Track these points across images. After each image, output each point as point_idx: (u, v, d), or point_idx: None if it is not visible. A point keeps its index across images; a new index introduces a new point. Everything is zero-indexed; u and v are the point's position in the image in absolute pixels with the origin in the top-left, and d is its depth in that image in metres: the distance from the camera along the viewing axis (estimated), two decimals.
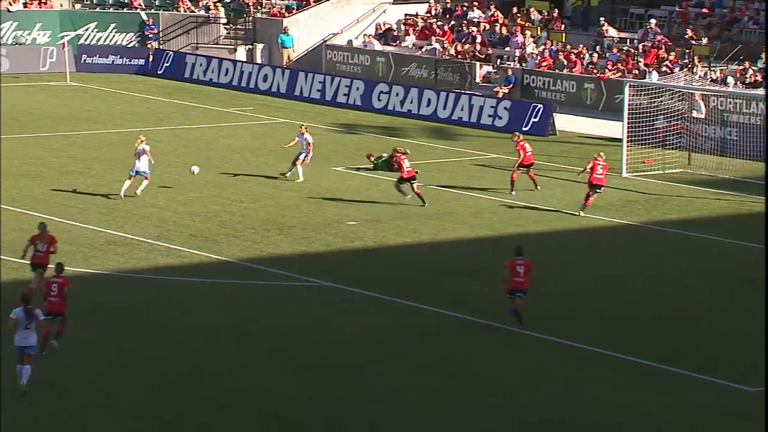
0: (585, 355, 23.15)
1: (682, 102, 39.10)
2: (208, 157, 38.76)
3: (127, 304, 25.46)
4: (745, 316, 25.40)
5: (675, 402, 21.12)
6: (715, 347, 23.77)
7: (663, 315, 25.34)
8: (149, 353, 22.94)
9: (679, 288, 27.23)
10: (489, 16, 50.71)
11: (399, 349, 23.44)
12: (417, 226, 31.51)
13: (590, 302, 26.05)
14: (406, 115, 45.37)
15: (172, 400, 20.88)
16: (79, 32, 53.87)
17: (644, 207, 33.63)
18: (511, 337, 23.96)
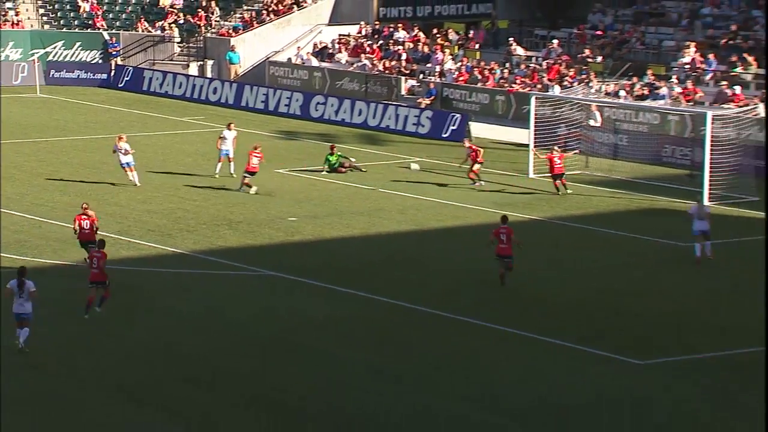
0: (508, 336, 23.14)
1: (581, 112, 39.28)
2: (164, 161, 38.32)
3: None
4: (640, 298, 25.55)
5: (583, 373, 21.18)
6: (616, 326, 23.88)
7: (572, 300, 25.41)
8: (117, 334, 22.60)
9: (582, 274, 27.33)
10: (412, 36, 50.65)
11: (343, 330, 23.29)
12: (350, 221, 31.35)
13: (507, 288, 26.03)
14: (340, 123, 45.17)
15: (142, 377, 20.59)
16: (48, 50, 53.10)
17: (548, 204, 33.73)
18: (445, 321, 23.89)
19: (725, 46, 43.34)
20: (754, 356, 22.00)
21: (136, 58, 53.40)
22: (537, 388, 20.45)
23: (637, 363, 21.66)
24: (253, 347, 22.28)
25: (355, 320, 23.88)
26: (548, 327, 23.38)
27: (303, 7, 53.66)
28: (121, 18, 55.38)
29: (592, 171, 37.49)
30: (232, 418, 19.07)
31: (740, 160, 34.36)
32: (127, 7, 55.85)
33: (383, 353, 22.06)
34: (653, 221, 31.87)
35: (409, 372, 21.13)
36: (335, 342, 22.61)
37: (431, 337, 22.96)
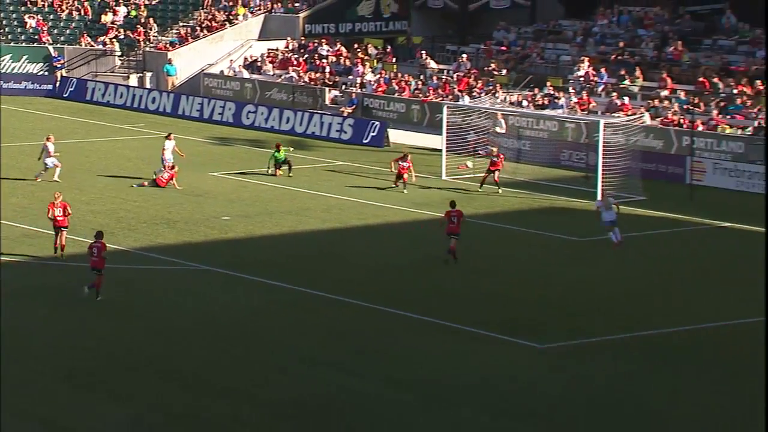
0: (418, 323, 23.21)
1: (488, 120, 39.55)
2: (106, 165, 37.78)
3: (40, 286, 24.62)
4: (544, 289, 25.79)
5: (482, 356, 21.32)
6: (523, 315, 24.08)
7: (481, 290, 25.57)
8: (63, 326, 22.23)
9: (490, 267, 27.50)
10: (335, 51, 50.59)
11: (272, 319, 23.17)
12: (279, 220, 31.19)
13: (423, 280, 26.12)
14: (270, 130, 44.91)
15: (87, 364, 20.26)
16: None
17: (460, 203, 33.82)
18: (361, 310, 23.89)
19: (614, 61, 43.99)
20: (651, 339, 22.38)
21: (79, 71, 52.66)
22: (433, 369, 20.52)
23: (534, 346, 21.86)
24: (191, 336, 22.06)
25: (284, 310, 23.77)
26: (456, 315, 23.48)
27: (234, 23, 53.32)
28: (66, 33, 54.53)
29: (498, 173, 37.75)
30: (172, 402, 18.86)
31: (629, 163, 34.89)
32: (71, 23, 55.00)
33: (310, 340, 22.00)
34: (554, 219, 32.22)
35: (333, 356, 21.09)
36: (267, 330, 22.49)
37: (352, 325, 22.94)
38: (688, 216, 32.13)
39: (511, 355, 21.49)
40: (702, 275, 26.87)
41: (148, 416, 18.33)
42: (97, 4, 55.62)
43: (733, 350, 21.83)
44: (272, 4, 54.35)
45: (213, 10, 54.43)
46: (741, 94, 39.37)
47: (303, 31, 52.87)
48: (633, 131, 36.91)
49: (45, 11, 55.37)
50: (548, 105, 42.05)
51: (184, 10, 55.62)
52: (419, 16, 53.57)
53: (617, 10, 47.45)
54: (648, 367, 20.92)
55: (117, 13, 55.01)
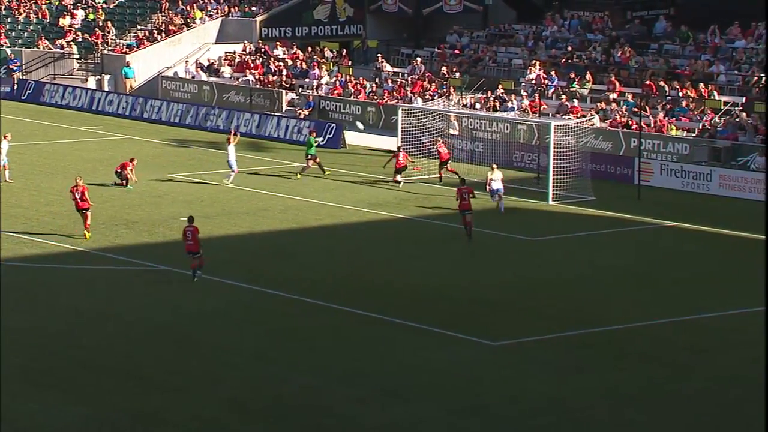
0: (373, 321, 23.29)
1: (442, 122, 39.72)
2: (65, 167, 37.44)
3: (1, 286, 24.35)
4: (496, 287, 25.98)
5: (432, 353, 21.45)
6: (472, 312, 24.24)
7: (433, 289, 25.70)
8: (23, 325, 22.01)
9: (443, 266, 27.65)
10: (292, 54, 50.54)
11: (228, 318, 23.12)
12: (237, 220, 31.12)
13: (376, 279, 26.21)
14: (228, 132, 44.73)
15: (45, 363, 20.10)
16: None
17: (414, 204, 34.04)
18: (319, 309, 23.92)
19: (565, 65, 44.37)
20: (597, 336, 22.64)
21: (37, 73, 52.11)
22: (383, 365, 20.63)
23: (488, 344, 22.02)
24: (149, 336, 21.96)
25: (239, 309, 23.73)
26: (409, 312, 23.59)
27: (192, 27, 53.07)
28: (23, 36, 53.92)
29: (452, 175, 37.94)
30: (129, 401, 18.78)
31: (579, 164, 35.22)
32: (29, 26, 54.42)
33: (266, 339, 21.99)
34: (505, 219, 32.42)
35: (288, 354, 21.10)
36: (223, 330, 22.45)
37: (306, 323, 22.97)
38: (636, 216, 32.52)
39: (464, 352, 21.63)
40: (648, 274, 27.20)
41: (105, 415, 18.23)
42: (55, 8, 55.11)
43: (676, 346, 22.15)
44: (229, 8, 54.17)
45: (170, 13, 54.14)
46: (686, 97, 39.91)
47: (260, 35, 52.76)
48: (583, 133, 37.26)
49: (2, 14, 54.73)
50: (500, 107, 42.32)
51: (142, 13, 55.27)
52: (374, 20, 53.67)
53: (567, 15, 47.88)
54: (593, 363, 21.17)
55: (75, 17, 54.54)
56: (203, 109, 46.38)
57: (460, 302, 24.77)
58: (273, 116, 45.00)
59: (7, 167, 34.49)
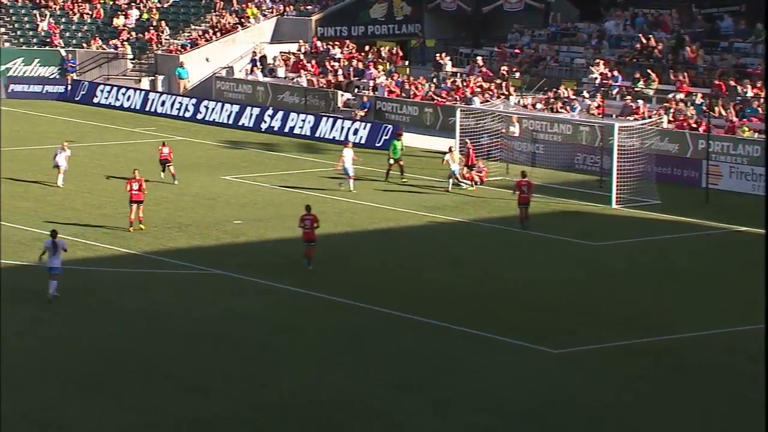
0: (430, 326, 23.29)
1: (501, 123, 39.63)
2: (118, 169, 37.98)
3: (45, 290, 24.74)
4: (556, 293, 25.85)
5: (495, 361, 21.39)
6: (529, 318, 24.15)
7: (491, 294, 25.64)
8: (74, 331, 22.40)
9: (502, 271, 27.57)
10: (347, 54, 50.75)
11: (280, 322, 23.30)
12: (291, 224, 31.30)
13: (433, 284, 26.22)
14: (282, 133, 45.11)
15: (93, 367, 20.41)
16: (9, 66, 52.46)
17: (473, 207, 34.00)
18: (372, 313, 24.00)
19: (629, 64, 44.01)
20: (661, 344, 22.43)
21: (91, 74, 52.94)
22: (441, 372, 20.62)
23: (548, 351, 21.93)
24: (199, 340, 22.20)
25: (290, 312, 23.89)
26: (467, 319, 23.56)
27: (246, 26, 53.54)
28: (77, 36, 54.84)
29: (512, 177, 37.84)
30: (173, 406, 19.00)
31: (644, 167, 34.92)
32: (83, 26, 55.32)
33: (321, 345, 22.11)
34: (567, 222, 32.27)
35: (341, 360, 21.20)
36: (272, 333, 22.62)
37: (361, 328, 23.05)
38: (704, 220, 32.14)
39: (524, 360, 21.55)
40: (717, 280, 26.86)
41: (153, 421, 18.46)
42: (109, 7, 55.92)
43: (742, 355, 21.85)
44: (284, 7, 54.56)
45: (225, 13, 54.67)
46: (757, 97, 39.35)
47: (315, 34, 53.07)
48: (648, 134, 36.93)
49: (57, 14, 55.69)
50: (563, 108, 42.09)
51: (196, 12, 55.88)
52: (432, 18, 53.70)
53: (632, 13, 47.48)
54: (660, 373, 20.97)
55: (129, 16, 55.29)
56: (257, 110, 46.78)
57: (519, 308, 24.68)
58: (328, 117, 45.24)
59: (62, 171, 35.00)
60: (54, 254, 23.58)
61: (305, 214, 26.73)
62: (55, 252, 23.59)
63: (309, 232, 26.40)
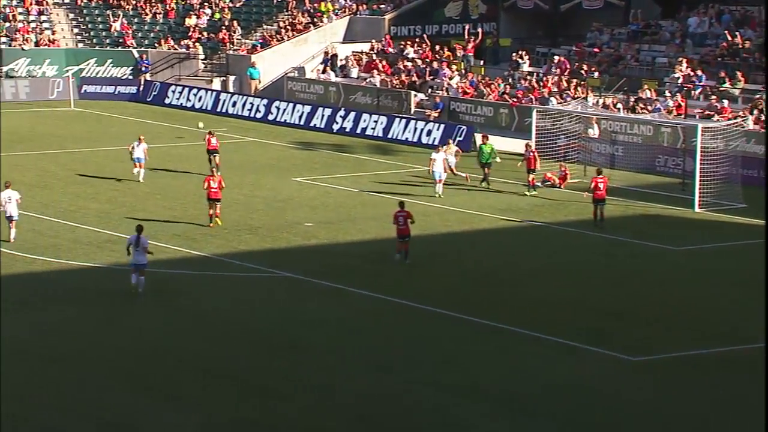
0: (502, 332, 23.18)
1: (579, 124, 39.29)
2: (189, 170, 38.45)
3: (122, 292, 25.17)
4: (634, 299, 25.55)
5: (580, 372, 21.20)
6: (607, 324, 23.89)
7: (569, 299, 25.43)
8: (143, 333, 22.73)
9: (579, 276, 27.33)
10: (421, 53, 50.77)
11: (351, 327, 23.37)
12: (363, 226, 31.42)
13: (508, 288, 26.08)
14: (354, 134, 45.27)
15: (163, 369, 20.67)
16: (82, 66, 53.45)
17: (549, 210, 33.77)
18: (444, 318, 23.95)
19: (714, 63, 43.31)
20: (744, 353, 22.02)
21: (163, 74, 53.66)
22: (514, 378, 20.49)
23: (626, 359, 21.67)
24: (268, 344, 22.34)
25: (361, 317, 23.92)
26: (542, 324, 23.39)
27: (318, 26, 53.83)
28: (150, 36, 55.64)
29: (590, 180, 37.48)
30: (240, 409, 19.14)
31: (728, 169, 34.34)
32: (155, 26, 56.12)
33: (390, 349, 22.11)
34: (648, 227, 31.87)
35: (411, 365, 21.17)
36: (342, 338, 22.67)
37: (432, 333, 23.00)
38: None
39: (600, 367, 21.33)
40: None
41: (219, 423, 18.62)
42: (182, 7, 56.66)
43: None
44: (357, 6, 54.75)
45: (297, 12, 55.05)
46: None
47: (388, 33, 53.17)
48: (733, 136, 36.32)
49: (130, 14, 56.59)
50: (643, 109, 41.59)
51: (268, 12, 56.37)
52: (508, 17, 53.47)
53: (717, 10, 46.73)
54: (736, 382, 20.59)
55: (201, 16, 55.95)
56: (329, 111, 47.01)
57: (595, 314, 24.44)
58: (401, 118, 45.28)
59: (142, 166, 35.95)
60: (137, 249, 24.32)
61: (399, 211, 27.53)
62: (138, 247, 24.30)
63: (403, 228, 27.17)
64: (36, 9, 55.77)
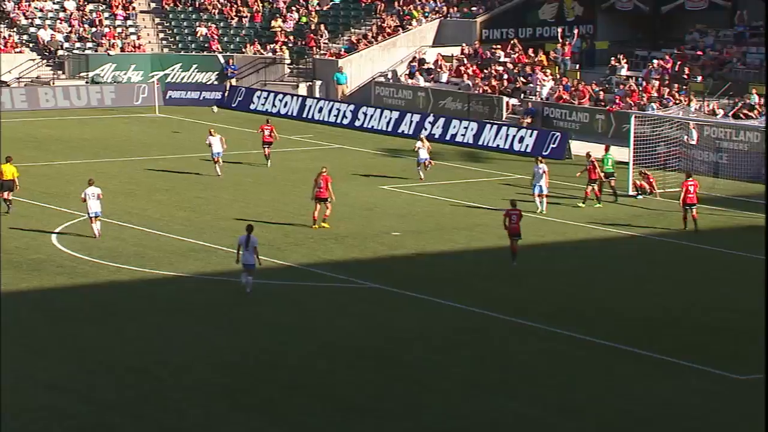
0: (598, 347, 22.93)
1: (680, 131, 38.74)
2: (274, 177, 38.85)
3: (206, 302, 25.50)
4: (739, 314, 25.08)
5: (681, 389, 20.88)
6: (711, 340, 23.49)
7: (669, 314, 25.06)
8: (226, 343, 22.97)
9: (680, 289, 26.92)
10: (513, 57, 50.57)
11: (440, 341, 23.33)
12: (452, 236, 31.38)
13: (603, 302, 25.81)
14: (443, 141, 45.26)
15: (246, 382, 20.87)
16: (167, 72, 54.35)
17: (648, 221, 33.34)
18: (537, 332, 23.79)
19: None
20: None
21: (248, 79, 54.32)
22: (618, 399, 20.24)
23: (735, 378, 21.27)
24: (352, 357, 22.39)
25: (449, 330, 23.85)
26: (636, 338, 23.08)
27: (408, 29, 53.97)
28: (235, 41, 56.37)
29: None
30: (325, 424, 19.22)
31: None
32: (241, 30, 56.84)
33: (481, 365, 22.01)
34: (755, 239, 31.23)
35: (503, 382, 21.06)
36: (429, 352, 22.63)
37: (524, 348, 22.85)
38: None
39: (702, 385, 20.97)
40: None
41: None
42: (268, 11, 57.31)
43: None
44: (448, 9, 54.78)
45: (385, 15, 55.26)
46: None
47: (480, 37, 53.10)
48: None
49: (216, 18, 57.41)
50: (749, 114, 40.83)
51: (356, 16, 56.69)
52: (605, 19, 53.02)
53: None
54: None
55: (288, 20, 56.51)
56: (418, 117, 47.09)
57: (698, 329, 24.03)
58: (492, 124, 45.16)
59: (219, 161, 37.31)
60: (246, 249, 25.07)
61: (511, 209, 28.09)
62: (247, 247, 25.04)
63: (515, 226, 27.70)
64: (122, 14, 56.94)
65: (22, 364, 21.25)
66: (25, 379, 20.55)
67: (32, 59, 53.49)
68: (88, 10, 56.87)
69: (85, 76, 53.35)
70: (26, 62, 53.21)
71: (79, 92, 52.28)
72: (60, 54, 53.78)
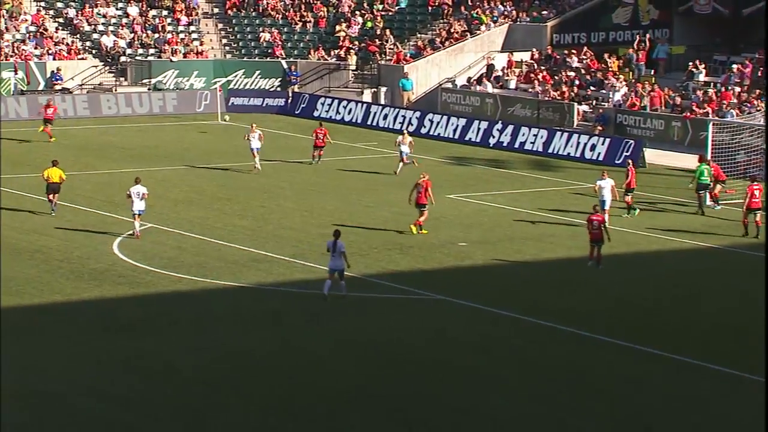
0: (663, 359, 22.78)
1: (761, 138, 38.30)
2: (337, 185, 39.10)
3: (267, 312, 25.76)
4: None
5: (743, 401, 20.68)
6: None
7: (747, 328, 24.80)
8: (284, 355, 23.18)
9: (757, 303, 26.62)
10: (585, 63, 50.37)
11: (501, 353, 23.34)
12: (521, 247, 31.34)
13: (668, 314, 25.62)
14: (512, 149, 45.22)
15: (300, 394, 21.04)
16: (230, 78, 54.98)
17: (724, 231, 33.01)
18: (600, 346, 23.71)
19: None
20: None
21: (312, 86, 54.69)
22: (677, 410, 20.08)
23: None
24: (413, 368, 22.47)
25: (511, 342, 23.83)
26: (703, 352, 22.89)
27: (476, 34, 54.00)
28: (299, 47, 56.83)
29: None
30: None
31: None
32: (305, 35, 57.28)
33: (546, 377, 21.98)
34: None
35: (558, 392, 21.01)
36: (490, 363, 22.64)
37: (592, 362, 22.76)
38: None
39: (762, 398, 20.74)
40: None
41: None
42: (332, 16, 57.70)
43: None
44: (517, 13, 54.73)
45: (452, 20, 55.36)
46: None
47: (550, 41, 52.98)
48: None
49: (279, 24, 57.96)
50: None
51: (423, 20, 56.85)
52: (682, 22, 52.61)
53: None
54: None
55: (352, 25, 56.82)
56: (486, 124, 47.10)
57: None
58: (563, 132, 45.03)
59: (257, 155, 39.21)
60: (333, 253, 25.73)
61: (593, 215, 28.55)
62: (334, 251, 25.71)
63: (597, 233, 28.03)
64: (185, 20, 57.72)
65: (83, 373, 21.65)
66: (86, 391, 20.93)
67: (95, 66, 54.44)
68: (151, 16, 57.72)
69: (148, 83, 54.14)
70: (89, 69, 54.17)
71: (141, 99, 53.08)
72: (122, 60, 54.66)
